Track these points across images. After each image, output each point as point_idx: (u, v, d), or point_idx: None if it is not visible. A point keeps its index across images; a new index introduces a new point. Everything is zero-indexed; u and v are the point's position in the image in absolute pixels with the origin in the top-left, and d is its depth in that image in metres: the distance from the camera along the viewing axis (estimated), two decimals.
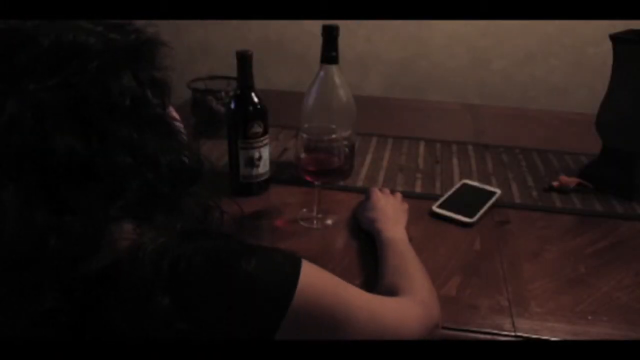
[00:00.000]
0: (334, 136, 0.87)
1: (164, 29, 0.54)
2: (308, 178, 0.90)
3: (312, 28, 1.16)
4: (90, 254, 0.46)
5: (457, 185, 1.07)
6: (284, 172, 1.10)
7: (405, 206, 0.96)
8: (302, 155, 0.87)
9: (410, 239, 0.84)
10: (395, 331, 0.60)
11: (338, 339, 0.55)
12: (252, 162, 0.99)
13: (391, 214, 0.90)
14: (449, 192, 1.04)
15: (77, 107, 0.45)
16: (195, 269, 0.48)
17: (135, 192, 0.47)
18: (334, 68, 1.00)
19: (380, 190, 0.99)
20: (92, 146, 0.45)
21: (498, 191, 1.04)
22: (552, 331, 0.71)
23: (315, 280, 0.54)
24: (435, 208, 0.98)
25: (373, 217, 0.89)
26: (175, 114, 0.57)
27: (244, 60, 0.94)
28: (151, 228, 0.49)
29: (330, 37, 0.97)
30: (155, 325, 0.46)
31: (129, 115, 0.48)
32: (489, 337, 0.70)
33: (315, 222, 0.94)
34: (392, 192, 1.00)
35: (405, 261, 0.77)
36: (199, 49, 1.97)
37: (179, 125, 0.56)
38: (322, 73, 1.00)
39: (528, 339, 0.70)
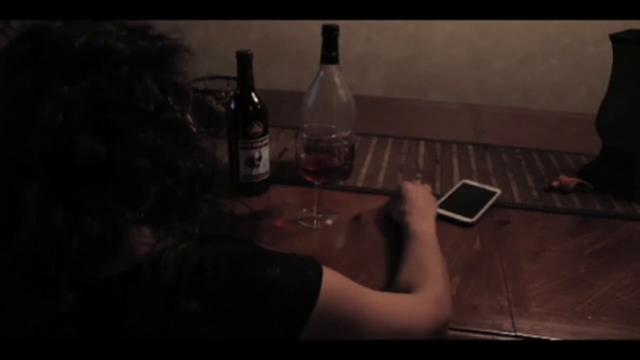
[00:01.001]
0: (334, 136, 0.87)
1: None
2: (308, 178, 0.90)
3: (312, 28, 1.16)
4: (109, 257, 0.47)
5: (457, 185, 1.07)
6: (284, 172, 1.10)
7: (434, 198, 0.97)
8: (302, 155, 0.87)
9: None
10: (406, 332, 0.61)
11: (350, 339, 0.57)
12: (252, 162, 0.99)
13: (422, 206, 0.90)
14: (449, 192, 1.04)
15: (104, 111, 0.45)
16: (222, 274, 0.49)
17: (154, 197, 0.48)
18: (334, 68, 0.99)
19: (411, 182, 1.00)
20: (115, 150, 0.45)
21: (498, 191, 1.04)
22: (552, 331, 0.71)
23: (335, 284, 0.56)
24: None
25: (404, 209, 0.89)
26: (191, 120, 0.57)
27: (244, 60, 0.94)
28: (170, 233, 0.50)
29: (330, 37, 0.97)
30: (180, 329, 0.47)
31: (153, 120, 0.48)
32: (489, 337, 0.70)
33: (315, 222, 0.94)
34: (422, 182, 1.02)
35: (428, 255, 0.77)
36: (199, 49, 1.97)
37: (198, 131, 0.56)
38: (322, 73, 1.00)
39: (528, 339, 0.70)
